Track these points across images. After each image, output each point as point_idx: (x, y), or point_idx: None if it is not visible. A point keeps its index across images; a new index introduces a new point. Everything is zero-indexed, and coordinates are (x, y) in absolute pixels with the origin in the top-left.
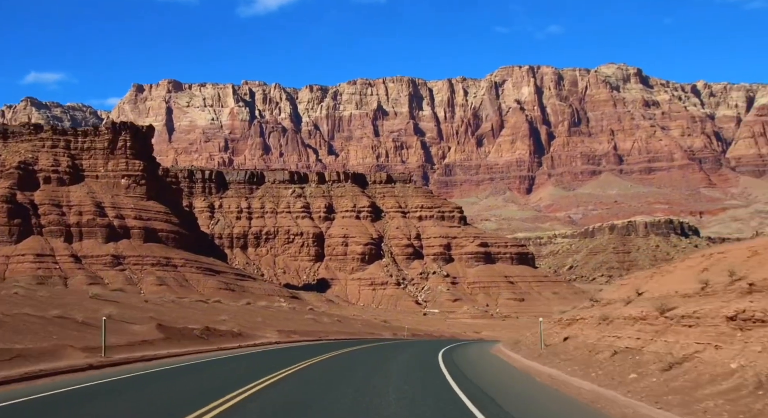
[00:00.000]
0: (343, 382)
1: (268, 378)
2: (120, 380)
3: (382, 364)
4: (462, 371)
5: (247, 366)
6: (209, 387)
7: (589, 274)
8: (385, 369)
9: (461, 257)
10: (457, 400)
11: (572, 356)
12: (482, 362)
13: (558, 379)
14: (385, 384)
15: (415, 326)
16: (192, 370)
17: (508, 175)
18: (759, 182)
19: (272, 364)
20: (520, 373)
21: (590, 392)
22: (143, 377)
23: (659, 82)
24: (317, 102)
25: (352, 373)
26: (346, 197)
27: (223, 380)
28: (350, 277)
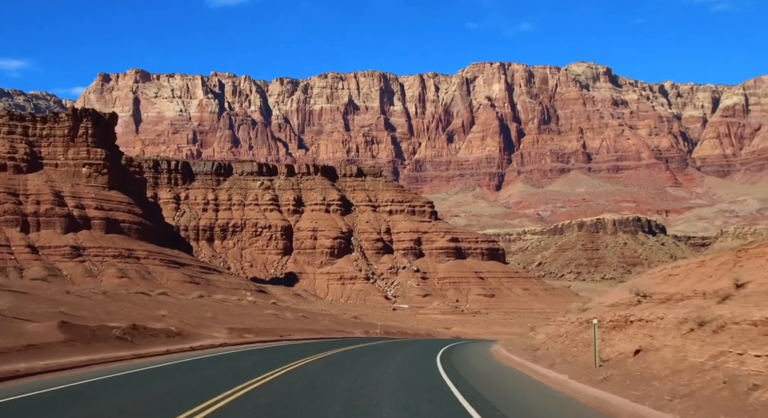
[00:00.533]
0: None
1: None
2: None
3: (364, 395)
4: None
5: (129, 404)
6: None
7: (558, 270)
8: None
9: (432, 252)
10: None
11: (685, 385)
12: (517, 389)
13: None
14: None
15: (386, 322)
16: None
17: (478, 172)
18: (723, 182)
19: (177, 395)
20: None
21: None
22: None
23: (628, 81)
24: (288, 95)
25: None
26: (315, 190)
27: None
28: (319, 271)
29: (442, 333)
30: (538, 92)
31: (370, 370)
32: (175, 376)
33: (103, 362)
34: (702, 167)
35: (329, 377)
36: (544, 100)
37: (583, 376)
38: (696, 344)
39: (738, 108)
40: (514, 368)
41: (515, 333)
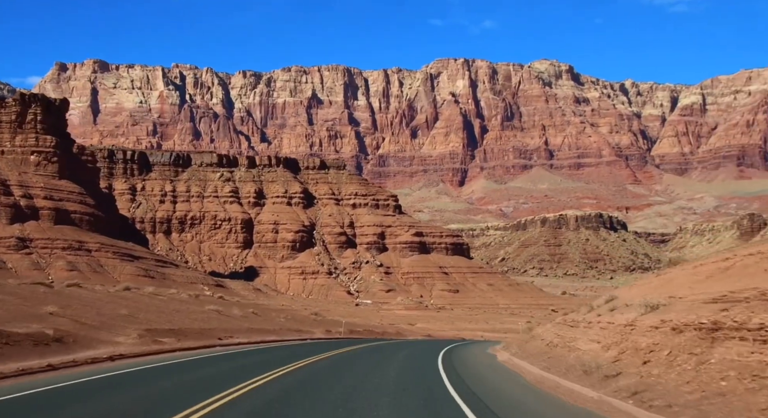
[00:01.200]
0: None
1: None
2: None
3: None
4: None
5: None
6: None
7: (521, 266)
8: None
9: (395, 246)
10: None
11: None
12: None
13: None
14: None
15: (350, 318)
16: None
17: (441, 168)
18: (681, 180)
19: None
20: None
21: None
22: None
23: (590, 79)
24: (250, 88)
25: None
26: (277, 183)
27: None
28: (280, 265)
29: (410, 331)
30: (501, 89)
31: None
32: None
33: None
34: (661, 165)
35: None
36: (507, 97)
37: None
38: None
39: (696, 107)
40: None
41: (484, 330)
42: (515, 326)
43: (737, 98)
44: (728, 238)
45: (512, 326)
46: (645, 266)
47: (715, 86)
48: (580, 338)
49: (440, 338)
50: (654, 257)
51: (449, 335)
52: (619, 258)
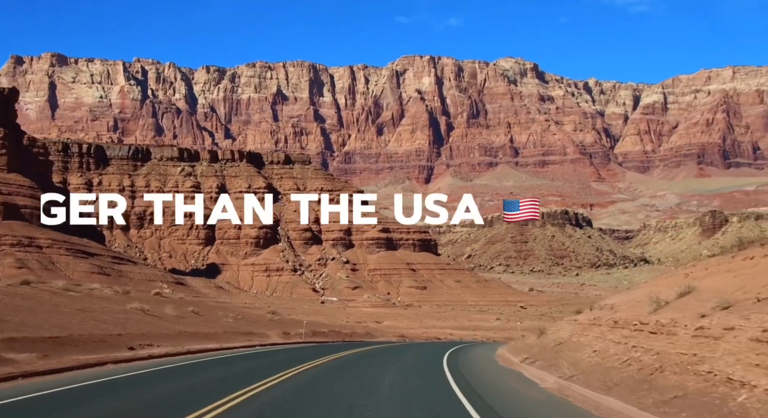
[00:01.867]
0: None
1: None
2: None
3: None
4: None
5: None
6: None
7: (488, 263)
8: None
9: (362, 242)
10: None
11: None
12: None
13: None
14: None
15: (314, 316)
16: None
17: (407, 165)
18: (643, 177)
19: None
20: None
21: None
22: None
23: (554, 78)
24: (214, 84)
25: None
26: (240, 177)
27: None
28: (243, 262)
29: (380, 330)
30: (467, 86)
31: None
32: None
33: None
34: (624, 163)
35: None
36: (473, 95)
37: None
38: None
39: (657, 106)
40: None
41: (453, 327)
42: (485, 324)
43: (697, 97)
44: (691, 234)
45: (481, 324)
46: (610, 263)
47: (675, 85)
48: (721, 358)
49: (415, 338)
50: (619, 254)
51: (422, 334)
52: (585, 255)
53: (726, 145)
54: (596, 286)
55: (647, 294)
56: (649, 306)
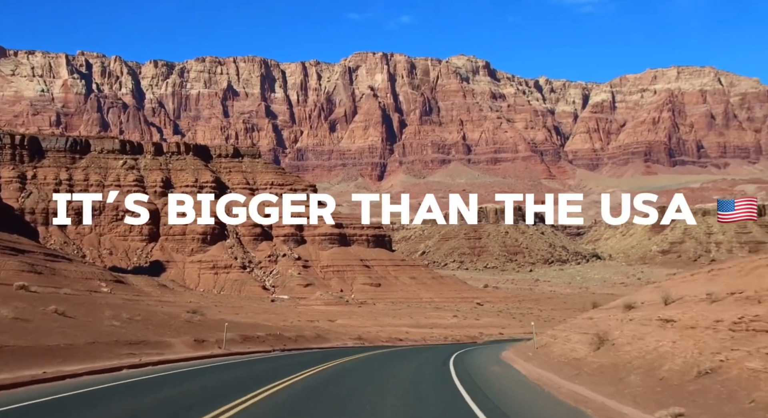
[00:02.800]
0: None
1: None
2: None
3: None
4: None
5: None
6: None
7: (442, 260)
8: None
9: (314, 238)
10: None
11: None
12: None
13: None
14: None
15: (263, 316)
16: None
17: (360, 162)
18: (593, 175)
19: None
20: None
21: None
22: None
23: (506, 75)
24: (162, 78)
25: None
26: (186, 171)
27: None
28: (189, 259)
29: (333, 331)
30: (419, 83)
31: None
32: None
33: None
34: (573, 160)
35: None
36: (425, 92)
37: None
38: None
39: (606, 105)
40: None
41: (409, 325)
42: (442, 321)
43: (644, 96)
44: (641, 231)
45: (438, 321)
46: (563, 259)
47: (623, 84)
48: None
49: (375, 341)
50: (571, 250)
51: (378, 333)
52: (538, 251)
53: (671, 144)
54: (550, 282)
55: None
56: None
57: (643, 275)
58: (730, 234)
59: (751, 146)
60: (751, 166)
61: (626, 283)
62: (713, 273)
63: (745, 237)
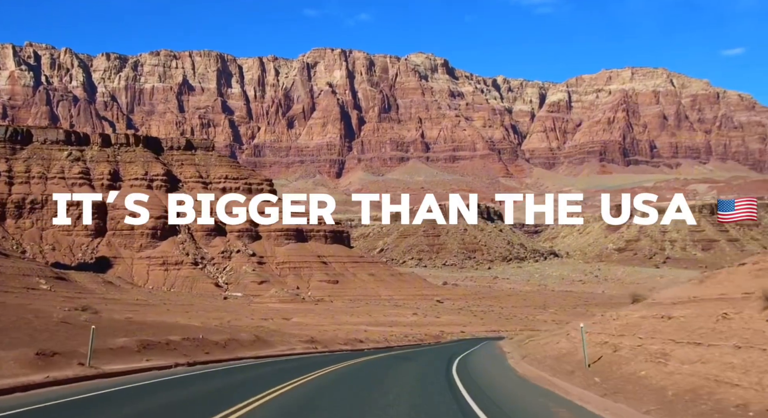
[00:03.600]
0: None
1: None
2: None
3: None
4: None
5: None
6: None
7: (400, 257)
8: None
9: (270, 234)
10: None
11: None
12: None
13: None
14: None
15: (214, 314)
16: None
17: (318, 159)
18: (549, 174)
19: None
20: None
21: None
22: None
23: (464, 74)
24: (115, 72)
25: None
26: (136, 163)
27: None
28: (138, 255)
29: (282, 334)
30: (378, 81)
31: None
32: None
33: None
34: (530, 159)
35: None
36: (384, 89)
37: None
38: None
39: (562, 104)
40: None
41: (368, 323)
42: (402, 319)
43: (599, 97)
44: (597, 229)
45: (398, 319)
46: (521, 256)
47: (579, 85)
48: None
49: (330, 343)
50: (529, 247)
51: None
52: (496, 248)
53: (626, 144)
54: (509, 279)
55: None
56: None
57: (600, 273)
58: (684, 232)
59: (701, 147)
60: (701, 167)
61: (584, 280)
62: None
63: (698, 235)
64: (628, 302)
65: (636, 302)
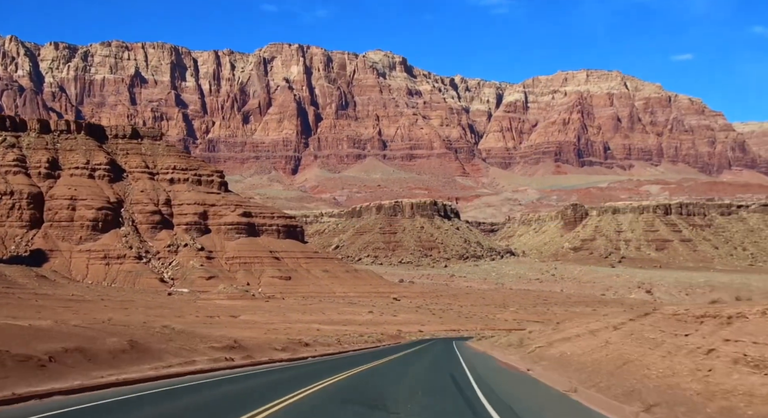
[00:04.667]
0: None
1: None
2: None
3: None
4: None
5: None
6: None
7: (356, 254)
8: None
9: (220, 227)
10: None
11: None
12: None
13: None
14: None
15: (155, 312)
16: None
17: (274, 155)
18: (505, 173)
19: None
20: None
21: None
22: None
23: (422, 72)
24: (64, 62)
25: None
26: (77, 152)
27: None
28: (77, 248)
29: (190, 334)
30: (336, 77)
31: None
32: None
33: None
34: (487, 159)
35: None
36: (342, 86)
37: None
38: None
39: (519, 104)
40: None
41: (321, 321)
42: (356, 317)
43: (555, 98)
44: (553, 227)
45: (352, 317)
46: (478, 255)
47: (535, 85)
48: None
49: (261, 351)
50: (486, 246)
51: (288, 330)
52: (453, 246)
53: (580, 145)
54: (466, 277)
55: None
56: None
57: (557, 272)
58: (639, 232)
59: (653, 149)
60: (653, 168)
61: (541, 279)
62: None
63: (652, 235)
64: (588, 301)
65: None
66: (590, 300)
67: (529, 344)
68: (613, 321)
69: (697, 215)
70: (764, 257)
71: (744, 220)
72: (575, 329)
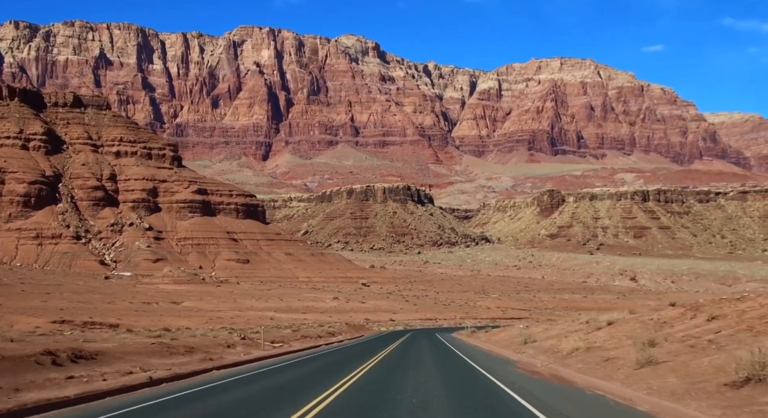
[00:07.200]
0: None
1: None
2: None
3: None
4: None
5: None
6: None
7: (326, 240)
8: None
9: (171, 205)
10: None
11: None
12: None
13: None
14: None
15: (72, 300)
16: None
17: (244, 140)
18: (479, 161)
19: None
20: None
21: None
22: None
23: (395, 58)
24: (24, 41)
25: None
26: (9, 120)
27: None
28: (6, 226)
29: (163, 318)
30: (308, 62)
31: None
32: None
33: None
34: (461, 146)
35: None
36: (313, 71)
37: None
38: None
39: (492, 92)
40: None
41: (277, 308)
42: (319, 304)
43: (529, 86)
44: (529, 214)
45: (314, 304)
46: (452, 241)
47: (509, 73)
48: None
49: (178, 352)
50: (460, 232)
51: (235, 319)
52: (427, 232)
53: (554, 133)
54: (440, 264)
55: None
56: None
57: (534, 259)
58: (616, 219)
59: (626, 138)
60: (626, 158)
61: (519, 266)
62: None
63: (630, 222)
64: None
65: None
66: (575, 287)
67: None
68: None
69: (675, 202)
70: (743, 244)
71: (722, 207)
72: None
